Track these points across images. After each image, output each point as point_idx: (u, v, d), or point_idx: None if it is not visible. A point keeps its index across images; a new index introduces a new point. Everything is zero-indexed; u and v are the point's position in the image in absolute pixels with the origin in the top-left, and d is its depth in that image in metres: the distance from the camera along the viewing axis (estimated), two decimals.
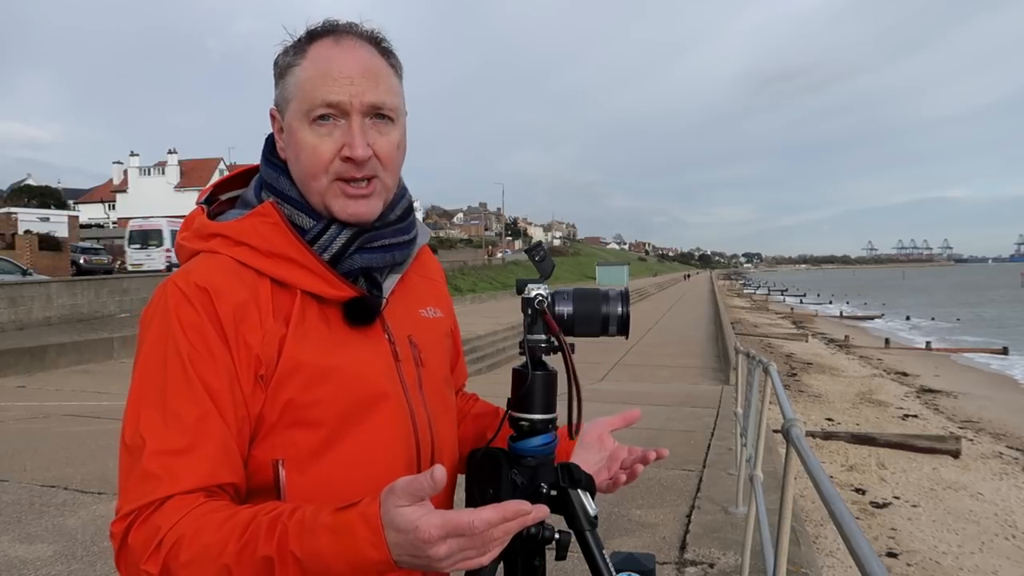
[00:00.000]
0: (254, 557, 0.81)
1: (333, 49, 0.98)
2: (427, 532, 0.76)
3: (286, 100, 1.00)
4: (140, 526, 0.84)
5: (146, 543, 0.83)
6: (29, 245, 24.18)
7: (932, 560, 6.68)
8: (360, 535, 0.79)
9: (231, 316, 0.92)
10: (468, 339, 18.44)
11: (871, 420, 13.38)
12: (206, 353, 0.90)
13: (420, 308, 1.13)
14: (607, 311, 1.07)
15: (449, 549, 0.78)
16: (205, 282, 0.92)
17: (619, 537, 4.17)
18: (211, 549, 0.82)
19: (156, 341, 0.92)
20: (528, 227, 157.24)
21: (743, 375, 6.14)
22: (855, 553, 1.11)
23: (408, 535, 0.77)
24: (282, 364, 0.93)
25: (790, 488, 2.25)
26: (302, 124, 0.97)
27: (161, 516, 0.84)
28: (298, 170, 1.00)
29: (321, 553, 0.80)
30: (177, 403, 0.88)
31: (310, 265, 0.97)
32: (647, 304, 45.19)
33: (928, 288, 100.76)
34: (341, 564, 0.80)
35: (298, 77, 0.98)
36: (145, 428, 0.88)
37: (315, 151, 0.97)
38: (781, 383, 3.57)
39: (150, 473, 0.86)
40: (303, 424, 0.94)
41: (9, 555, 3.77)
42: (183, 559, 0.82)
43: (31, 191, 53.93)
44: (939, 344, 29.08)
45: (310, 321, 0.97)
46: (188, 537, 0.82)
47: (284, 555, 0.80)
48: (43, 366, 12.63)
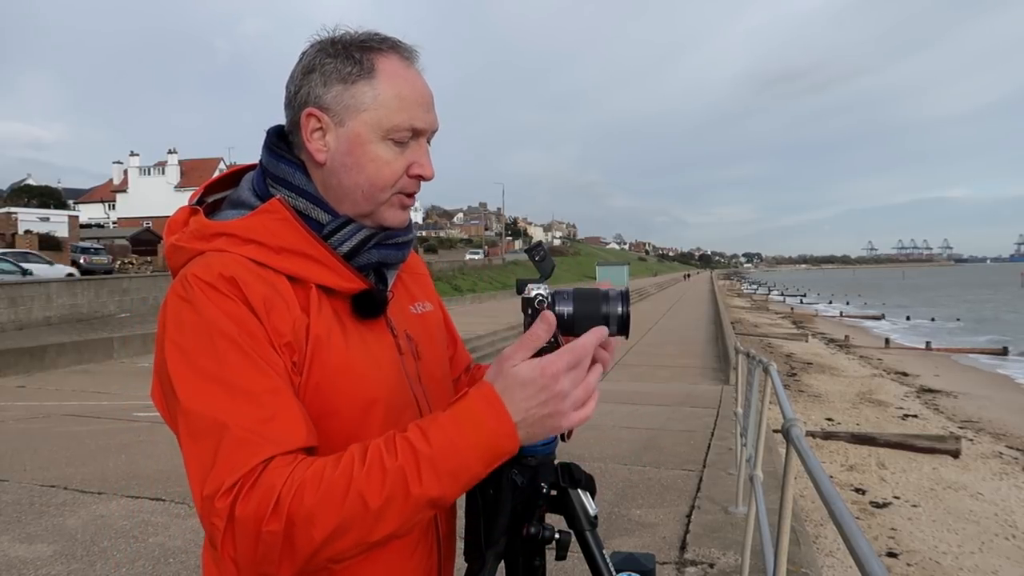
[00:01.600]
0: (385, 473, 0.80)
1: (408, 71, 1.01)
2: (552, 366, 0.85)
3: (353, 109, 0.99)
4: (249, 492, 0.79)
5: (261, 504, 0.78)
6: (29, 245, 24.19)
7: (932, 560, 6.68)
8: (482, 412, 0.84)
9: (261, 304, 0.91)
10: (468, 339, 18.45)
11: (871, 420, 13.38)
12: (252, 334, 0.89)
13: (410, 305, 1.16)
14: (607, 311, 1.07)
15: (571, 382, 0.86)
16: (230, 272, 0.91)
17: (619, 537, 4.17)
18: (337, 484, 0.80)
19: (195, 332, 0.88)
20: (528, 227, 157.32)
21: (743, 375, 6.14)
22: (855, 553, 1.11)
23: (537, 380, 0.85)
24: (309, 352, 0.94)
25: (790, 488, 2.25)
26: (376, 138, 0.99)
27: (271, 475, 0.80)
28: (359, 179, 1.00)
29: (451, 443, 0.82)
30: (244, 381, 0.85)
31: (323, 259, 0.97)
32: (647, 304, 45.20)
33: (928, 288, 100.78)
34: (471, 449, 0.82)
35: (377, 91, 0.99)
36: (220, 412, 0.84)
37: (389, 167, 1.00)
38: (781, 383, 3.57)
39: (244, 440, 0.82)
40: (327, 414, 0.95)
41: (9, 555, 3.77)
42: (308, 504, 0.78)
43: (31, 191, 53.95)
44: (939, 344, 29.06)
45: (326, 314, 0.98)
46: (310, 481, 0.80)
47: (413, 460, 0.81)
48: (43, 366, 12.64)
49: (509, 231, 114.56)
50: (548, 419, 0.86)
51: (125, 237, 40.95)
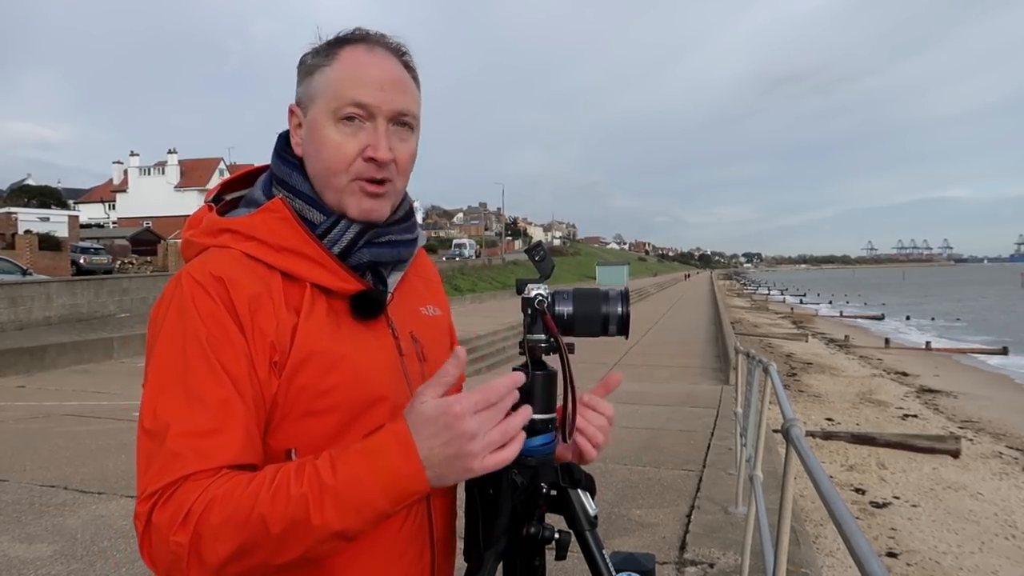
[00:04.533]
0: (288, 499, 0.81)
1: (366, 56, 1.01)
2: (458, 404, 0.83)
3: (311, 97, 1.02)
4: (167, 502, 0.84)
5: (174, 515, 0.83)
6: (29, 245, 24.18)
7: (932, 560, 6.68)
8: (390, 449, 0.83)
9: (246, 305, 0.93)
10: (468, 339, 18.45)
11: (871, 420, 13.38)
12: (225, 340, 0.91)
13: (421, 306, 1.15)
14: (607, 311, 1.07)
15: (479, 423, 0.84)
16: (220, 272, 0.93)
17: (619, 537, 4.17)
18: (243, 504, 0.82)
19: (174, 329, 0.92)
20: (528, 227, 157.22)
21: (743, 375, 6.14)
22: (855, 553, 1.11)
23: (440, 418, 0.83)
24: (295, 352, 0.94)
25: (790, 488, 2.26)
26: (327, 121, 1.00)
27: (187, 489, 0.84)
28: (319, 166, 1.02)
29: (355, 476, 0.82)
30: (199, 387, 0.89)
31: (319, 258, 0.98)
32: (647, 304, 45.19)
33: (928, 288, 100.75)
34: (374, 484, 0.82)
35: (328, 76, 1.00)
36: (168, 413, 0.88)
37: (339, 149, 0.99)
38: (781, 383, 3.57)
39: (176, 453, 0.85)
40: (314, 413, 0.95)
41: (9, 555, 3.77)
42: (214, 521, 0.82)
43: (31, 191, 53.89)
44: (939, 344, 29.07)
45: (319, 313, 0.98)
46: (219, 499, 0.82)
47: (318, 490, 0.82)
48: (43, 366, 12.63)
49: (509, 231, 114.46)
50: (456, 460, 0.84)
51: (125, 237, 40.93)
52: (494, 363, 17.47)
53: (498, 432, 0.86)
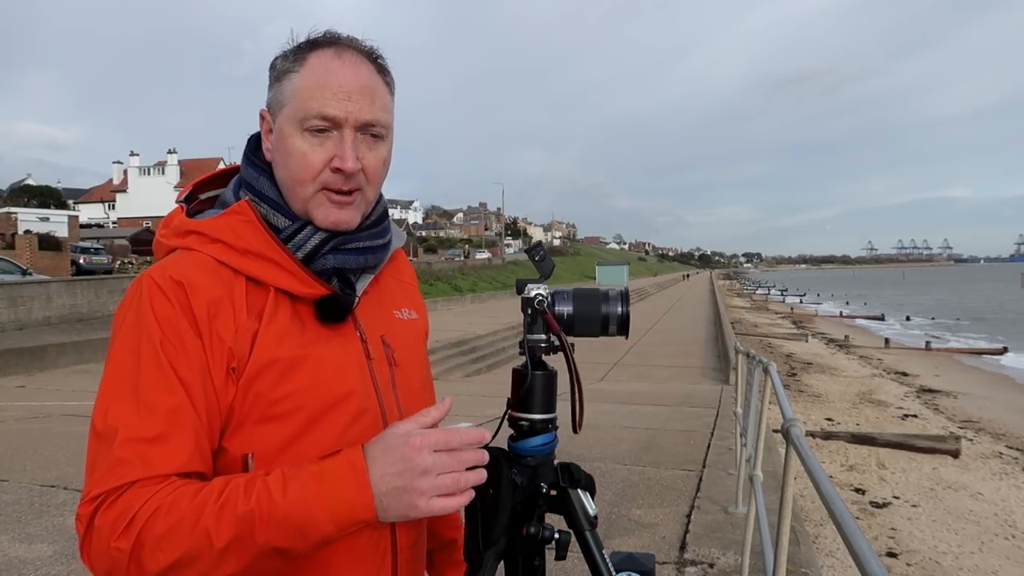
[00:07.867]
0: (235, 514, 0.81)
1: (334, 61, 0.99)
2: (419, 437, 0.84)
3: (280, 104, 1.00)
4: (110, 507, 0.84)
5: (116, 521, 0.82)
6: (29, 245, 24.16)
7: (932, 560, 6.68)
8: (344, 477, 0.83)
9: (205, 310, 0.92)
10: (468, 339, 18.45)
11: (871, 420, 13.38)
12: (179, 345, 0.90)
13: (394, 309, 1.13)
14: (607, 311, 1.07)
15: (433, 461, 0.84)
16: (180, 276, 0.93)
17: (619, 537, 4.17)
18: (188, 516, 0.82)
19: (130, 332, 0.91)
20: (528, 227, 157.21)
21: (743, 375, 6.14)
22: (855, 553, 1.11)
23: (398, 448, 0.84)
24: (254, 358, 0.93)
25: (790, 488, 2.26)
26: (294, 130, 0.98)
27: (132, 496, 0.84)
28: (285, 175, 1.01)
29: (304, 499, 0.82)
30: (150, 393, 0.88)
31: (283, 263, 0.97)
32: (647, 304, 45.19)
33: (928, 288, 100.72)
34: (323, 511, 0.82)
35: (295, 84, 0.98)
36: (117, 417, 0.87)
37: (305, 159, 0.98)
38: (781, 383, 3.57)
39: (122, 459, 0.85)
40: (273, 418, 0.94)
41: (9, 555, 3.77)
42: (158, 531, 0.81)
43: (31, 191, 53.85)
44: (939, 344, 29.06)
45: (282, 318, 0.97)
46: (165, 508, 0.82)
47: (266, 508, 0.81)
48: (43, 366, 12.64)
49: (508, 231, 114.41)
50: (403, 494, 0.83)
51: (125, 237, 40.91)
52: (494, 363, 17.46)
53: (450, 479, 0.85)
